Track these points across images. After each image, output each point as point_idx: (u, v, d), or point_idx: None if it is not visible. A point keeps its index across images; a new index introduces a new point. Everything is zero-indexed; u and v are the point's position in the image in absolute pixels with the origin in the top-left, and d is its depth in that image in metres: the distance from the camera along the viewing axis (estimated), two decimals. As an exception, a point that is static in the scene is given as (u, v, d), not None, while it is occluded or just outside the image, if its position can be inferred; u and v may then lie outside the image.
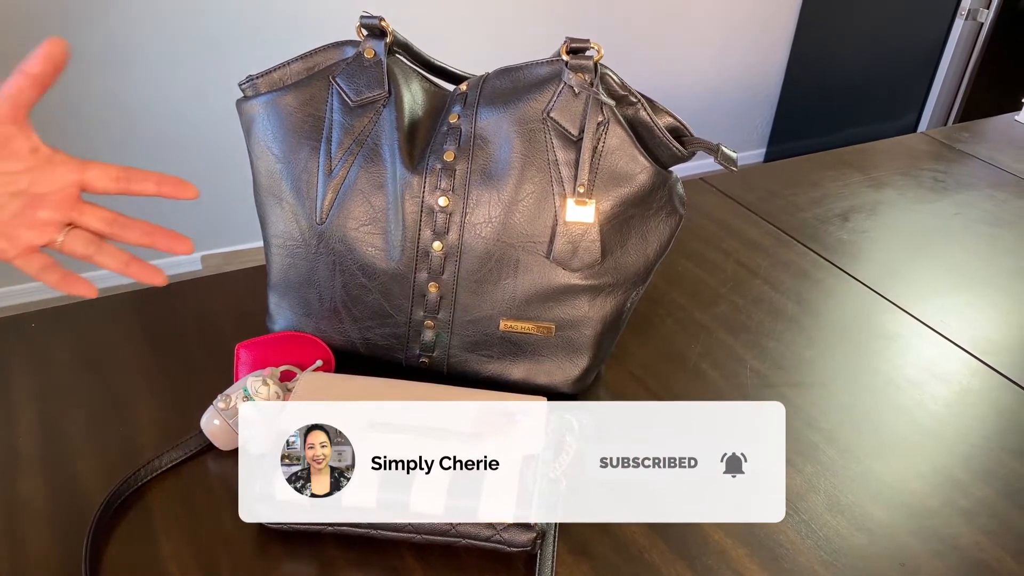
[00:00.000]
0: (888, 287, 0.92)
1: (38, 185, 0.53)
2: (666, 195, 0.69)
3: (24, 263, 0.54)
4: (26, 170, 0.52)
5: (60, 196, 0.53)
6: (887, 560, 0.60)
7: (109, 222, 0.55)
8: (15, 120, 0.51)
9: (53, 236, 0.54)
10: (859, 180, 1.16)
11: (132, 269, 0.57)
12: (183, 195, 0.56)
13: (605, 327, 0.71)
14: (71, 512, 0.60)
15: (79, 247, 0.55)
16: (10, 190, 0.52)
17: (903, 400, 0.76)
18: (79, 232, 0.55)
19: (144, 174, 0.55)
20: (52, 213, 0.53)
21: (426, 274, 0.68)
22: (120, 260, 0.56)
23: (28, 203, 0.52)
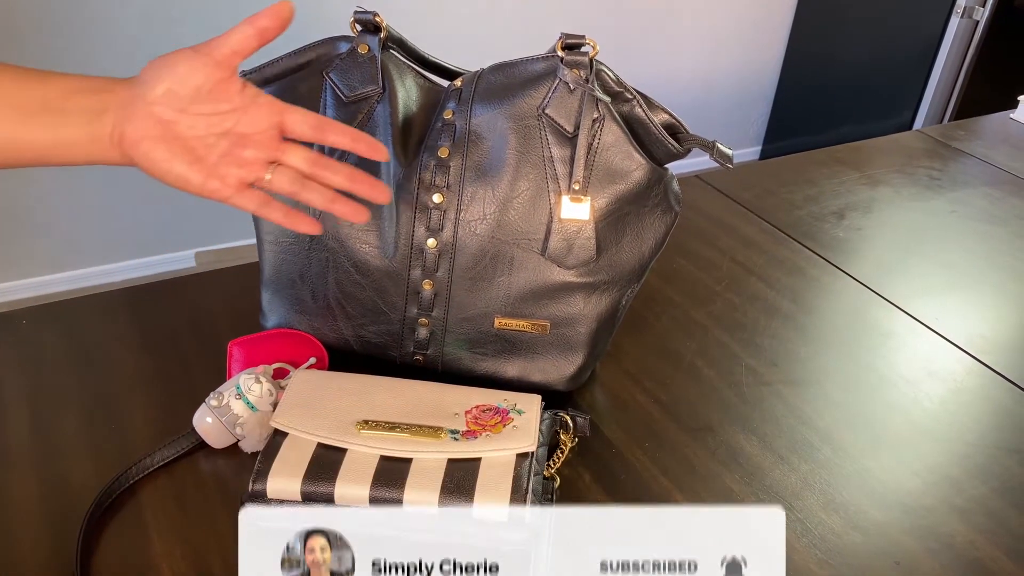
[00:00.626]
0: (883, 285, 0.92)
1: (243, 125, 0.54)
2: (661, 192, 0.69)
3: (241, 200, 0.56)
4: (232, 110, 0.54)
5: (263, 136, 0.55)
6: (882, 558, 0.60)
7: (312, 162, 0.57)
8: (229, 65, 0.53)
9: (260, 173, 0.55)
10: (855, 178, 1.16)
11: (337, 205, 0.58)
12: (375, 155, 0.57)
13: (600, 325, 0.70)
14: (62, 510, 0.60)
15: (285, 184, 0.56)
16: (219, 130, 0.54)
17: (898, 398, 0.76)
18: (284, 170, 0.56)
19: (340, 128, 0.57)
20: (257, 151, 0.55)
21: (420, 271, 0.68)
22: (326, 196, 0.57)
23: (235, 142, 0.54)
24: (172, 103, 0.53)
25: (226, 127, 0.55)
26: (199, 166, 0.54)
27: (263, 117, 0.55)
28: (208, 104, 0.54)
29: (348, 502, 0.57)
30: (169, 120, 0.53)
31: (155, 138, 0.53)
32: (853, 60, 2.75)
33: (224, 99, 0.54)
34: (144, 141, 0.53)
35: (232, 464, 0.64)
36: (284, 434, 0.61)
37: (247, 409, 0.64)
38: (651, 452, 0.68)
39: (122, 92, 0.53)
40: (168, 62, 0.53)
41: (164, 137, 0.53)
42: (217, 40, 0.53)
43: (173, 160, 0.53)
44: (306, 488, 0.57)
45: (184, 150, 0.54)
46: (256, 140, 0.55)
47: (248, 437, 0.64)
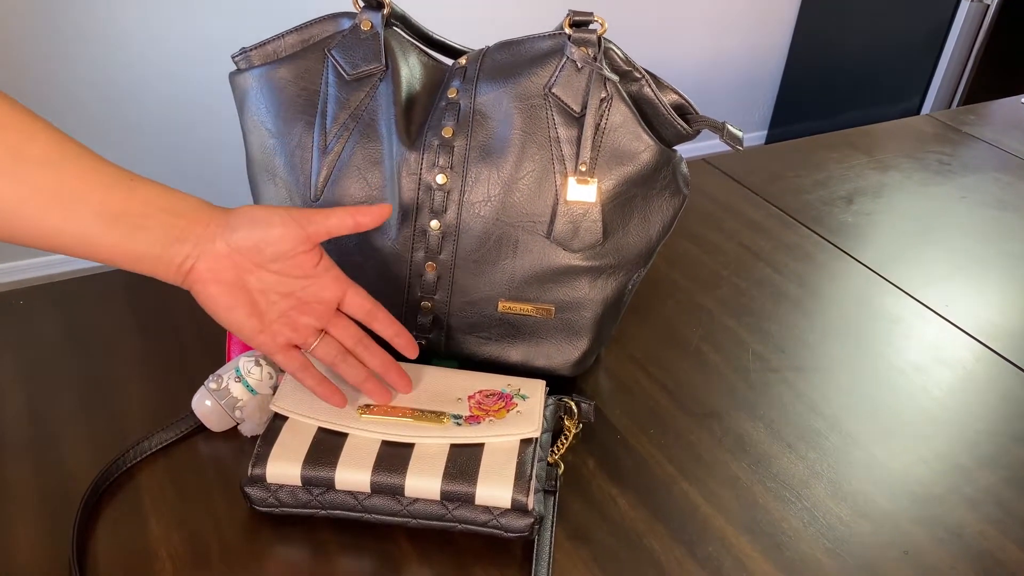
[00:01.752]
0: (892, 270, 0.91)
1: (308, 293, 0.57)
2: (670, 174, 0.67)
3: (283, 358, 0.58)
4: (304, 278, 0.56)
5: (322, 307, 0.58)
6: (891, 548, 0.59)
7: (356, 341, 0.60)
8: (317, 241, 0.56)
9: (309, 339, 0.58)
10: (864, 162, 1.14)
11: (368, 385, 0.61)
12: (407, 352, 0.61)
13: (606, 309, 0.69)
14: (58, 494, 0.59)
15: (327, 354, 0.59)
16: (285, 291, 0.56)
17: (907, 385, 0.75)
18: (330, 340, 0.59)
19: (388, 320, 0.60)
20: (312, 320, 0.58)
21: (423, 254, 0.67)
22: (360, 375, 0.60)
23: (295, 306, 0.57)
24: (254, 258, 0.54)
25: (292, 290, 0.56)
26: (256, 319, 0.56)
27: (328, 291, 0.57)
28: (285, 267, 0.55)
29: (349, 487, 0.57)
30: (246, 272, 0.54)
31: (225, 283, 0.54)
32: (861, 45, 2.72)
33: (301, 267, 0.56)
34: (213, 284, 0.54)
35: (231, 448, 0.63)
36: (284, 418, 0.60)
37: (246, 392, 0.63)
38: (656, 439, 0.67)
39: (205, 226, 0.53)
40: (264, 219, 0.54)
41: (233, 285, 0.54)
42: (314, 216, 0.55)
43: (235, 308, 0.55)
44: (306, 473, 0.56)
45: (247, 301, 0.55)
46: (315, 309, 0.58)
47: (247, 421, 0.63)
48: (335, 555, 0.56)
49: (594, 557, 0.58)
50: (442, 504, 0.56)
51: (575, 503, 0.61)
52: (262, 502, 0.57)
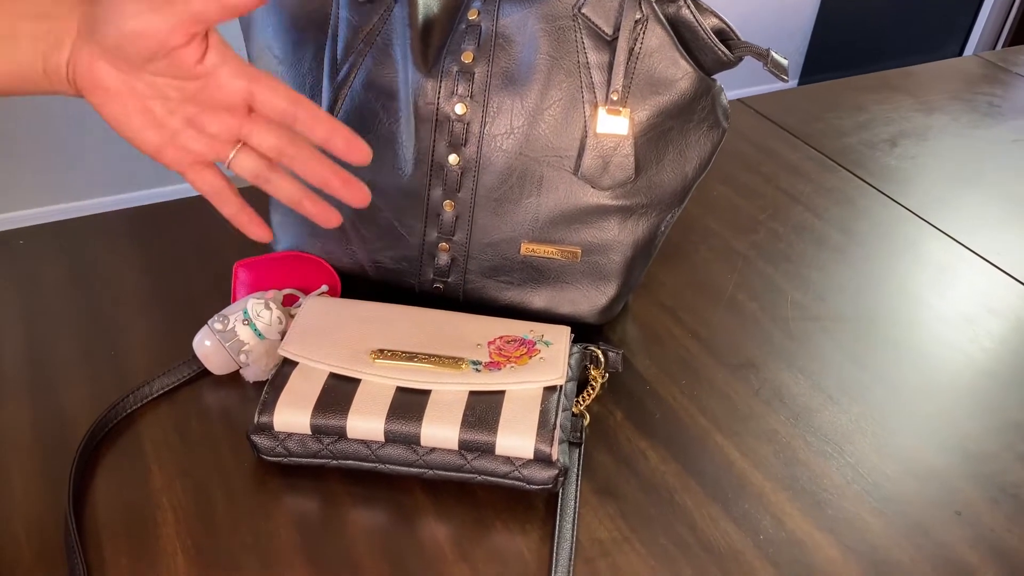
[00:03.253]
0: (939, 216, 0.85)
1: (206, 95, 0.47)
2: (708, 105, 0.62)
3: (197, 179, 0.49)
4: (195, 75, 0.46)
5: (229, 110, 0.48)
6: (941, 508, 0.55)
7: (280, 149, 0.48)
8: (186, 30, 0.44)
9: (223, 152, 0.48)
10: (908, 104, 1.08)
11: (306, 204, 0.50)
12: (353, 154, 0.48)
13: (636, 252, 0.65)
14: (56, 440, 0.56)
15: (248, 169, 0.49)
16: (179, 95, 0.46)
17: (955, 336, 0.70)
18: (249, 152, 0.49)
19: (316, 113, 0.47)
20: (221, 128, 0.48)
21: (441, 191, 0.62)
22: (293, 192, 0.50)
23: (199, 111, 0.47)
24: (123, 58, 0.44)
25: (189, 92, 0.47)
26: (156, 131, 0.47)
27: (228, 89, 0.46)
28: (163, 67, 0.45)
29: (362, 436, 0.53)
30: (128, 75, 0.45)
31: (109, 90, 0.46)
32: (898, -11, 2.61)
33: (181, 66, 0.45)
34: (98, 91, 0.45)
35: (237, 394, 0.60)
36: (293, 364, 0.56)
37: (254, 336, 0.59)
38: (688, 390, 0.63)
39: (75, 24, 0.45)
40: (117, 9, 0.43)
41: (120, 91, 0.46)
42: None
43: (128, 118, 0.46)
44: (316, 421, 0.53)
45: (141, 110, 0.46)
46: (220, 112, 0.47)
47: (252, 366, 0.59)
48: (347, 507, 0.53)
49: (622, 513, 0.54)
50: (460, 454, 0.53)
51: (601, 456, 0.58)
52: (270, 451, 0.54)
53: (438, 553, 0.51)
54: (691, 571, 0.51)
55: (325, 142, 0.47)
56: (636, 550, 0.52)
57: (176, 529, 0.51)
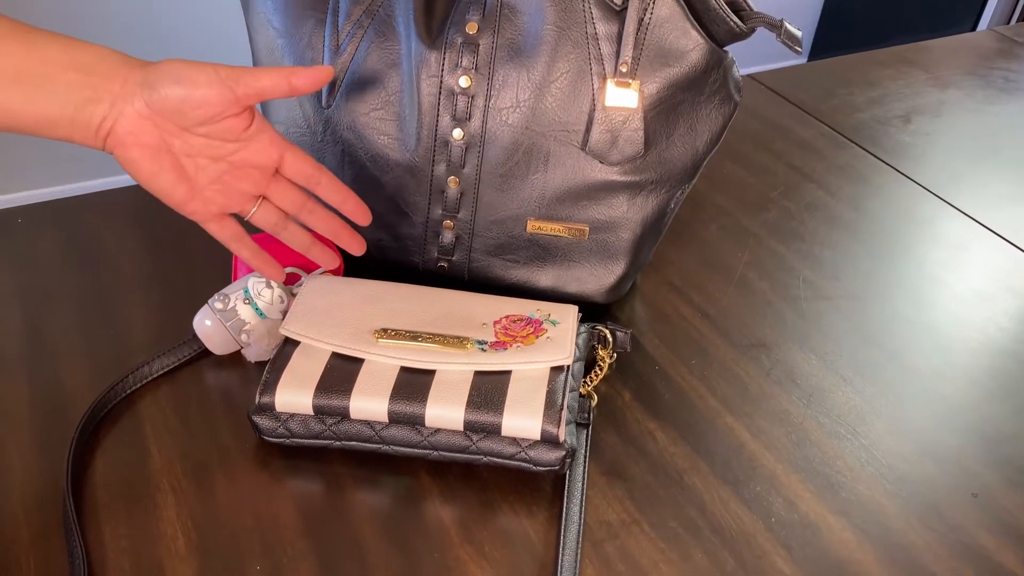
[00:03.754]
0: (954, 193, 0.84)
1: (240, 157, 0.51)
2: (720, 78, 0.60)
3: (216, 228, 0.53)
4: (234, 141, 0.50)
5: (258, 172, 0.52)
6: (958, 491, 0.54)
7: (299, 206, 0.55)
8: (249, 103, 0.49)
9: (246, 206, 0.53)
10: (922, 79, 1.05)
11: (314, 252, 0.57)
12: (359, 218, 0.56)
13: (645, 230, 0.63)
14: (54, 421, 0.55)
15: (267, 221, 0.54)
16: (215, 155, 0.50)
17: (973, 315, 0.69)
18: (269, 207, 0.54)
19: (333, 183, 0.55)
20: (248, 186, 0.52)
21: (445, 167, 0.61)
22: (304, 242, 0.56)
23: (228, 171, 0.51)
24: (178, 121, 0.48)
25: (223, 153, 0.50)
26: (185, 186, 0.50)
27: (262, 155, 0.52)
28: (213, 130, 0.49)
29: (365, 417, 0.52)
30: (170, 135, 0.48)
31: (147, 147, 0.48)
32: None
33: (230, 131, 0.50)
34: (135, 148, 0.48)
35: (239, 374, 0.59)
36: (295, 343, 0.55)
37: (255, 315, 0.58)
38: (698, 370, 0.62)
39: (122, 84, 0.46)
40: (188, 78, 0.47)
41: (156, 148, 0.48)
42: (244, 75, 0.48)
43: (160, 175, 0.49)
44: (318, 401, 0.52)
45: (173, 166, 0.49)
46: (250, 175, 0.52)
47: (253, 345, 0.58)
48: (350, 489, 0.52)
49: (630, 495, 0.53)
50: (466, 435, 0.52)
51: (610, 437, 0.57)
52: (271, 432, 0.53)
53: (443, 536, 0.50)
54: (701, 554, 0.50)
55: (339, 205, 0.55)
56: (645, 533, 0.51)
57: (176, 511, 0.50)
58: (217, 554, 0.48)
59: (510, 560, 0.49)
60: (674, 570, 0.49)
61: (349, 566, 0.48)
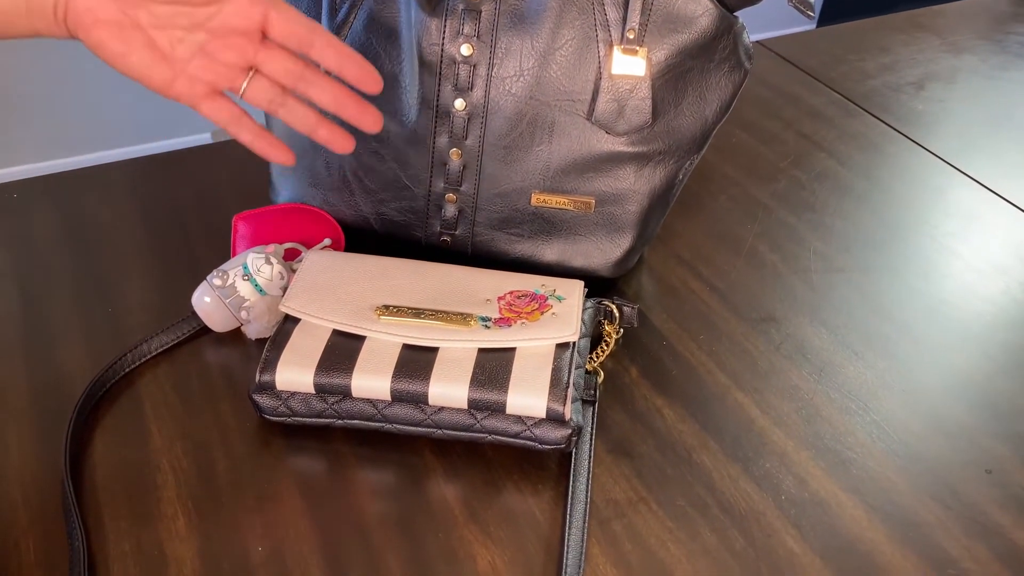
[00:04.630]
0: (969, 162, 0.82)
1: (219, 19, 0.45)
2: (730, 45, 0.58)
3: (210, 109, 0.47)
4: (204, 4, 0.45)
5: (242, 35, 0.46)
6: (971, 467, 0.53)
7: (295, 74, 0.48)
8: None
9: (235, 80, 0.47)
10: (935, 45, 1.03)
11: (321, 131, 0.50)
12: (365, 82, 0.48)
13: (653, 202, 0.62)
14: (51, 400, 0.54)
15: (261, 97, 0.48)
16: (189, 22, 0.45)
17: (987, 287, 0.67)
18: (262, 80, 0.48)
19: (330, 40, 0.47)
20: (233, 54, 0.46)
21: (447, 138, 0.59)
22: (307, 119, 0.49)
23: (208, 39, 0.46)
24: None
25: (198, 20, 0.45)
26: (163, 64, 0.45)
27: (244, 15, 0.46)
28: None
29: (367, 395, 0.51)
30: (130, 6, 0.43)
31: (110, 24, 0.43)
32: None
33: None
34: (96, 27, 0.43)
35: (239, 352, 0.58)
36: (296, 320, 0.54)
37: (255, 292, 0.57)
38: (706, 345, 0.61)
39: None
40: None
41: (121, 25, 0.43)
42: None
43: (131, 54, 0.44)
44: (319, 379, 0.51)
45: (145, 43, 0.44)
46: (233, 40, 0.46)
47: (254, 322, 0.57)
48: (353, 468, 0.51)
49: (637, 473, 0.52)
50: (470, 413, 0.51)
51: (616, 414, 0.56)
52: (272, 411, 0.52)
53: (448, 515, 0.49)
54: (710, 533, 0.49)
55: (339, 69, 0.47)
56: (652, 511, 0.50)
57: (177, 492, 0.49)
58: (218, 535, 0.47)
59: (515, 539, 0.48)
60: (682, 549, 0.48)
61: (352, 546, 0.47)
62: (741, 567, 0.47)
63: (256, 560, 0.46)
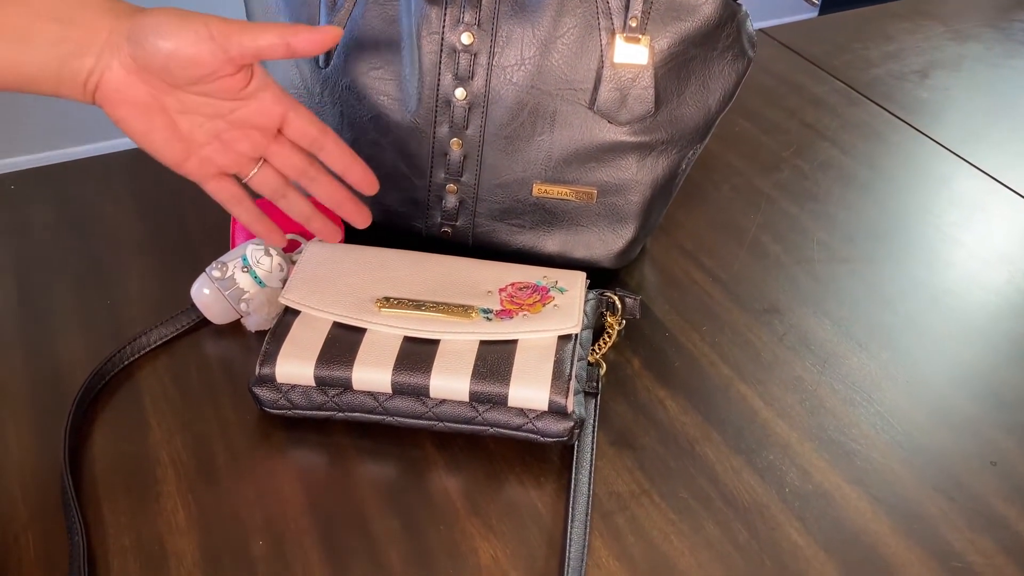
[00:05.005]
0: (973, 151, 0.81)
1: (239, 116, 0.48)
2: (734, 33, 0.58)
3: (214, 188, 0.50)
4: (232, 100, 0.47)
5: (259, 131, 0.49)
6: (975, 459, 0.53)
7: (300, 171, 0.51)
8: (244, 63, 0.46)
9: (245, 168, 0.50)
10: (940, 32, 1.02)
11: (314, 223, 0.54)
12: (364, 187, 0.53)
13: (655, 192, 0.61)
14: (51, 394, 0.54)
15: (267, 186, 0.51)
16: (210, 113, 0.47)
17: (991, 277, 0.67)
18: (269, 170, 0.51)
19: (339, 146, 0.51)
20: (248, 147, 0.49)
21: (447, 128, 0.58)
22: (304, 211, 0.53)
23: (227, 129, 0.49)
24: (166, 78, 0.44)
25: (222, 111, 0.47)
26: (180, 144, 0.47)
27: (265, 114, 0.48)
28: (208, 89, 0.46)
29: (368, 388, 0.51)
30: (161, 92, 0.45)
31: (137, 104, 0.45)
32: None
33: (227, 90, 0.46)
34: (124, 105, 0.45)
35: (239, 344, 0.58)
36: (296, 312, 0.54)
37: (254, 284, 0.57)
38: (709, 336, 0.61)
39: (105, 35, 0.43)
40: (174, 33, 0.43)
41: (148, 107, 0.45)
42: (239, 35, 0.44)
43: (152, 133, 0.46)
44: (320, 372, 0.51)
45: (165, 124, 0.46)
46: (250, 135, 0.49)
47: (253, 315, 0.57)
48: (354, 461, 0.51)
49: (640, 465, 0.52)
50: (471, 406, 0.50)
51: (619, 407, 0.55)
52: (273, 404, 0.52)
53: (449, 508, 0.49)
54: (713, 525, 0.49)
55: (344, 172, 0.52)
56: (655, 504, 0.50)
57: (177, 485, 0.49)
58: (218, 529, 0.47)
59: (518, 533, 0.48)
60: (685, 542, 0.48)
61: (353, 540, 0.47)
62: (745, 560, 0.47)
63: (257, 554, 0.46)
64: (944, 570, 0.47)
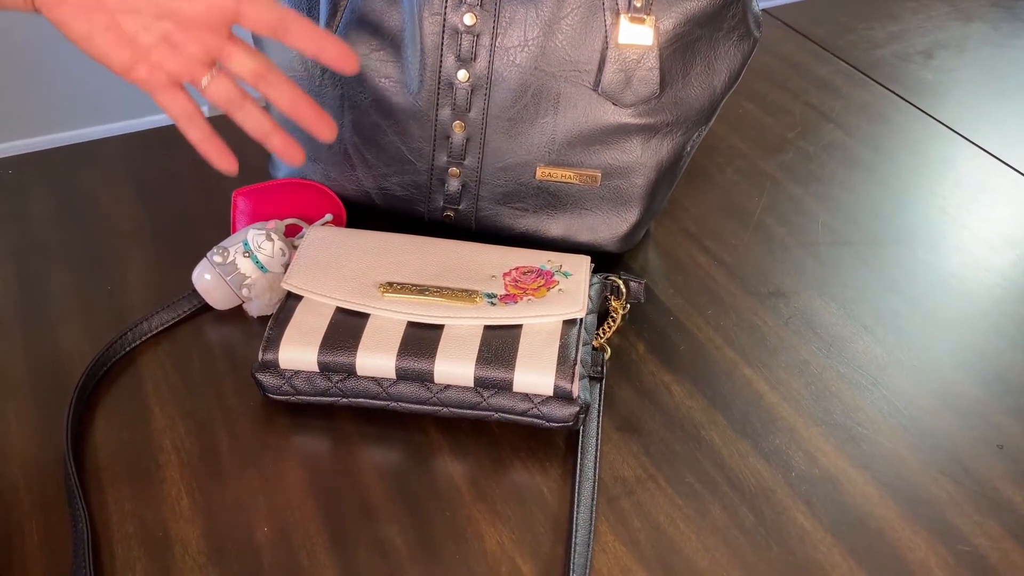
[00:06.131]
0: (980, 132, 0.80)
1: (190, 7, 0.45)
2: (739, 13, 0.57)
3: (166, 100, 0.47)
4: None
5: (212, 26, 0.46)
6: (982, 443, 0.53)
7: (257, 74, 0.47)
8: None
9: (197, 74, 0.47)
10: (944, 12, 1.01)
11: (274, 139, 0.49)
12: (344, 65, 0.47)
13: (660, 175, 0.60)
14: (51, 381, 0.54)
15: (221, 96, 0.48)
16: (157, 9, 0.44)
17: (997, 260, 0.66)
18: (225, 78, 0.48)
19: (307, 27, 0.46)
20: (200, 49, 0.46)
21: (450, 111, 0.58)
22: (262, 125, 0.49)
23: (176, 27, 0.45)
24: None
25: (167, 8, 0.44)
26: (126, 49, 0.45)
27: (216, 5, 0.45)
28: None
29: (372, 373, 0.50)
30: None
31: (75, 4, 0.43)
32: None
33: None
34: (62, 5, 0.43)
35: (241, 330, 0.57)
36: (298, 297, 0.53)
37: (256, 269, 0.56)
38: (714, 320, 0.60)
39: None
40: None
41: (87, 6, 0.43)
42: None
43: (95, 35, 0.44)
44: (324, 358, 0.50)
45: (109, 26, 0.44)
46: (200, 33, 0.45)
47: (255, 300, 0.56)
48: (358, 447, 0.51)
49: (646, 450, 0.52)
50: (476, 391, 0.50)
51: (624, 391, 0.55)
52: (276, 390, 0.51)
53: (454, 493, 0.49)
54: (719, 510, 0.48)
55: (318, 53, 0.47)
56: (661, 488, 0.49)
57: (180, 472, 0.49)
58: (223, 515, 0.47)
59: (523, 518, 0.48)
60: (691, 526, 0.48)
61: (358, 526, 0.47)
62: (751, 544, 0.47)
63: (261, 540, 0.46)
64: (951, 554, 0.47)
